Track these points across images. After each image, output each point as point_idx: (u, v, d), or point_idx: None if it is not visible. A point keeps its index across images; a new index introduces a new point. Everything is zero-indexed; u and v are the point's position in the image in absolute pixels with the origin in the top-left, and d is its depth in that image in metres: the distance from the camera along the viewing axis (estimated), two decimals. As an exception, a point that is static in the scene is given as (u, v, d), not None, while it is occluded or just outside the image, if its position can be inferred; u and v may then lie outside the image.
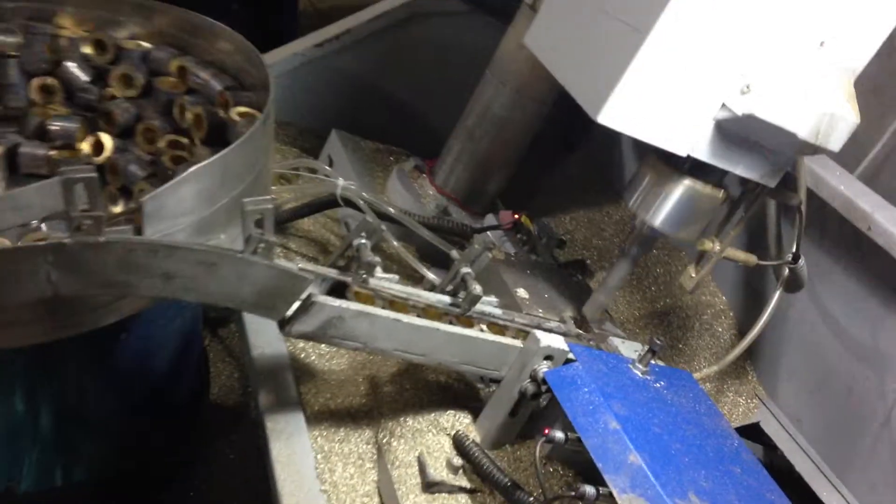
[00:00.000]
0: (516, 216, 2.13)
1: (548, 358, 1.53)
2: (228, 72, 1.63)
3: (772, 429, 2.21)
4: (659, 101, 1.44)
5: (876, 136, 2.31)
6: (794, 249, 1.81)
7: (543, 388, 1.52)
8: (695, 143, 1.50)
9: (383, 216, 1.90)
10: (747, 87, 1.44)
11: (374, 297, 1.51)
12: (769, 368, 2.26)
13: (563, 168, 3.09)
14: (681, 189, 1.59)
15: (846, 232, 1.90)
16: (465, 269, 1.60)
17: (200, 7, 1.66)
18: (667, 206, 1.61)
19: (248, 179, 1.31)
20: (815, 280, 2.01)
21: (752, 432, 2.23)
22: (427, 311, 1.56)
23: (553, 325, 1.73)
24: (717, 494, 1.35)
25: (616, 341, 1.77)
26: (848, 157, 1.96)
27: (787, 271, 1.85)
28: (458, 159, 2.30)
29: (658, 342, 1.59)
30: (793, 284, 1.88)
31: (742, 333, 2.40)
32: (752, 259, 1.81)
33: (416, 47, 2.69)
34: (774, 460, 2.21)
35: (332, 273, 1.50)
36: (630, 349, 1.76)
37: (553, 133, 2.62)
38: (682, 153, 1.51)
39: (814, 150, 1.49)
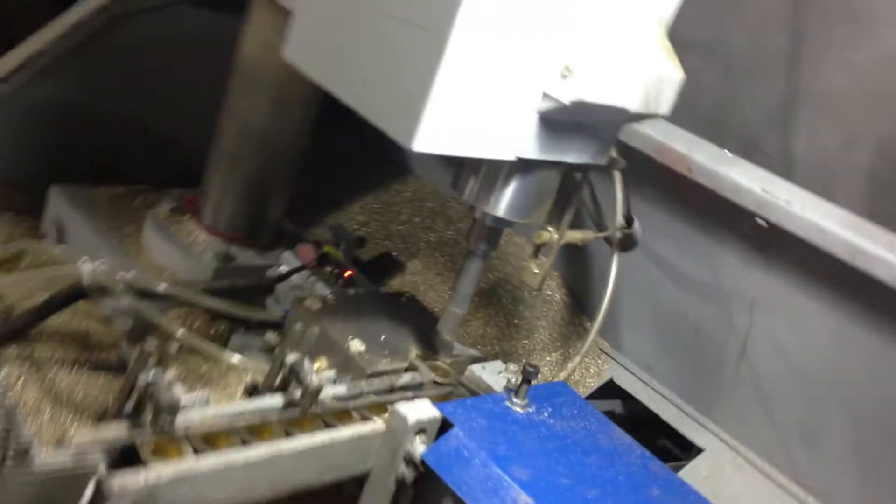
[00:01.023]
0: (318, 248, 1.81)
1: (420, 432, 1.29)
2: None
3: (626, 381, 2.14)
4: (476, 108, 1.19)
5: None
6: (625, 212, 1.67)
7: (423, 469, 1.28)
8: (520, 144, 1.28)
9: (150, 294, 1.51)
10: (568, 70, 1.22)
11: (181, 441, 1.16)
12: (610, 322, 2.16)
13: (334, 151, 2.77)
14: (517, 168, 1.37)
15: (664, 176, 1.80)
16: (292, 358, 1.29)
17: None
18: (508, 191, 1.38)
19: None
20: (642, 228, 1.90)
21: (608, 390, 2.15)
22: (259, 429, 1.24)
23: (407, 379, 1.47)
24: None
25: (476, 369, 1.56)
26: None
27: (619, 234, 1.72)
28: (226, 190, 1.93)
29: (531, 369, 1.39)
30: (627, 244, 1.75)
31: (573, 291, 2.29)
32: (590, 235, 1.65)
33: (133, 55, 2.20)
34: (637, 411, 2.15)
35: (120, 434, 1.11)
36: (493, 373, 1.56)
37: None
38: (511, 157, 1.28)
39: (645, 117, 1.33)
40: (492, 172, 1.38)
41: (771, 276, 1.73)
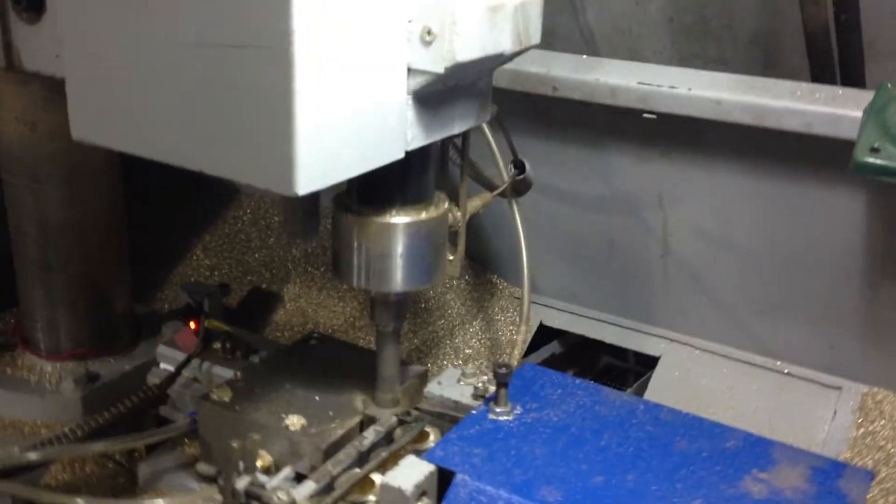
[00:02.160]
0: (196, 326, 1.52)
1: (422, 496, 1.09)
2: None
3: (555, 320, 2.02)
4: (349, 117, 0.96)
5: None
6: (513, 158, 1.51)
7: (441, 533, 1.09)
8: (405, 135, 1.06)
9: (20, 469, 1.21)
10: (429, 34, 1.01)
11: None
12: (516, 268, 2.02)
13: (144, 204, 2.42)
14: (402, 233, 1.17)
15: (530, 104, 1.64)
16: (243, 484, 1.04)
17: None
18: (399, 262, 1.18)
19: None
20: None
21: (542, 336, 2.03)
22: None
23: (372, 436, 1.25)
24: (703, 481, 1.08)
25: (433, 389, 1.36)
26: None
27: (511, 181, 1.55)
28: (52, 303, 1.59)
29: (501, 369, 1.21)
30: (523, 189, 1.59)
31: (468, 251, 2.12)
32: (487, 196, 1.47)
33: None
34: (577, 345, 2.05)
35: None
36: (452, 384, 1.37)
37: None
38: (400, 155, 1.07)
39: (521, 53, 1.15)
40: (372, 244, 1.17)
41: (671, 164, 1.63)
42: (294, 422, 1.30)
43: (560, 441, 1.17)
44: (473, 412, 1.24)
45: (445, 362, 1.97)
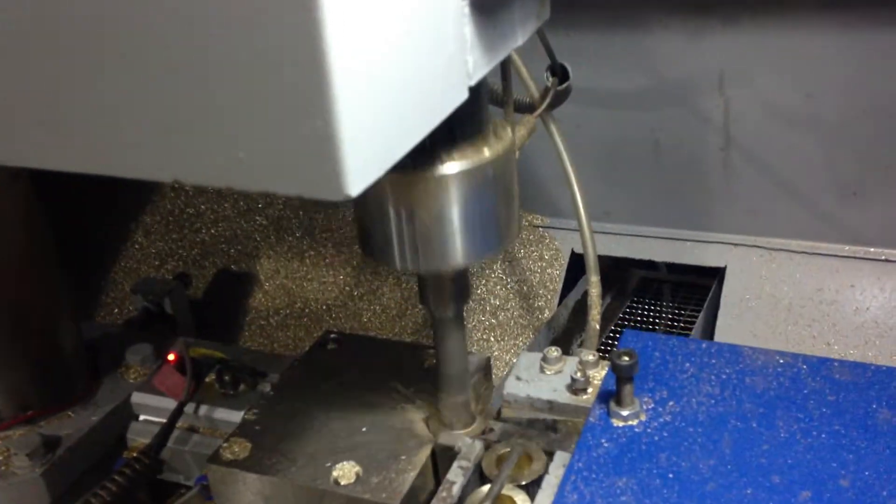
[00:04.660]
0: (175, 359, 1.13)
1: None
2: None
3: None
4: (398, 73, 0.58)
5: None
6: (553, 65, 1.14)
7: None
8: (466, 67, 0.68)
9: None
10: None
11: None
12: (533, 190, 1.68)
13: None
14: (459, 185, 0.80)
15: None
16: None
17: None
18: (458, 225, 0.82)
19: None
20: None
21: (575, 267, 1.70)
22: None
23: (459, 477, 0.92)
24: None
25: (512, 388, 1.03)
26: None
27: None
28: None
29: (623, 359, 0.88)
30: (561, 99, 1.23)
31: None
32: (530, 120, 1.10)
33: None
34: (610, 264, 1.73)
35: None
36: (532, 371, 1.04)
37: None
38: (464, 93, 0.69)
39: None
40: (419, 209, 0.80)
41: (737, 33, 1.28)
42: (346, 471, 0.97)
43: (725, 443, 0.86)
44: (592, 420, 0.92)
45: (473, 322, 1.64)
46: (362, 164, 0.54)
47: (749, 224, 1.54)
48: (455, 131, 0.81)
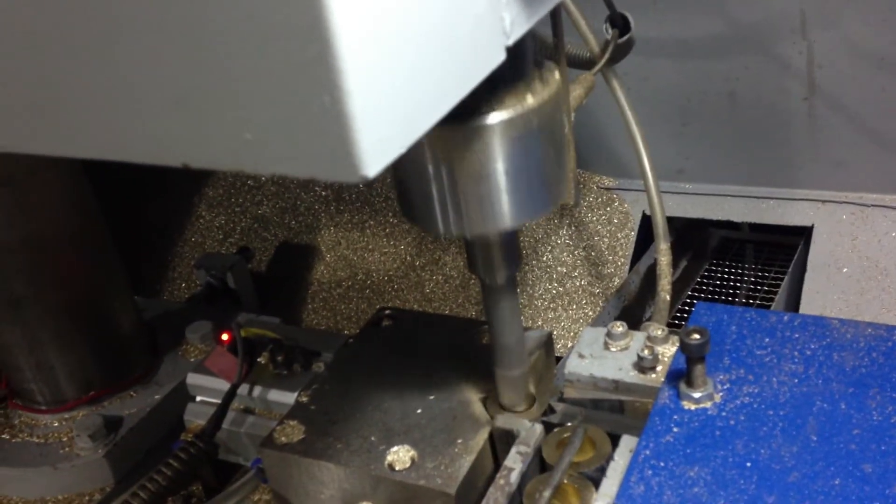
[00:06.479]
0: (228, 339, 1.10)
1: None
2: None
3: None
4: (425, 24, 0.51)
5: None
6: (613, 16, 1.05)
7: None
8: (504, 24, 0.61)
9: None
10: None
11: None
12: (595, 150, 1.59)
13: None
14: (503, 137, 0.73)
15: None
16: None
17: None
18: (503, 182, 0.75)
19: None
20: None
21: (646, 229, 1.61)
22: None
23: (518, 464, 0.87)
24: None
25: (575, 367, 0.96)
26: None
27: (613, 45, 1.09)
28: (34, 344, 1.20)
29: (693, 337, 0.81)
30: (620, 53, 1.13)
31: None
32: (588, 78, 1.02)
33: None
34: (687, 225, 1.63)
35: None
36: (596, 347, 0.97)
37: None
38: (501, 55, 0.62)
39: None
40: (463, 165, 0.73)
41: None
42: (401, 456, 0.93)
43: (810, 428, 0.78)
44: (660, 402, 0.85)
45: (539, 290, 1.57)
46: (378, 142, 0.48)
47: (837, 179, 1.42)
48: (494, 78, 0.74)
